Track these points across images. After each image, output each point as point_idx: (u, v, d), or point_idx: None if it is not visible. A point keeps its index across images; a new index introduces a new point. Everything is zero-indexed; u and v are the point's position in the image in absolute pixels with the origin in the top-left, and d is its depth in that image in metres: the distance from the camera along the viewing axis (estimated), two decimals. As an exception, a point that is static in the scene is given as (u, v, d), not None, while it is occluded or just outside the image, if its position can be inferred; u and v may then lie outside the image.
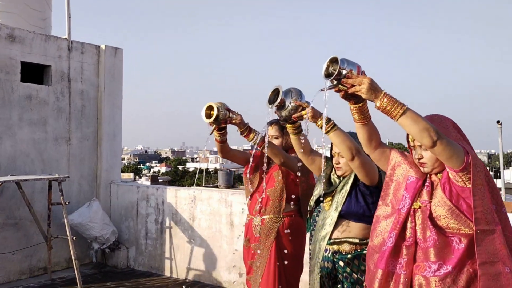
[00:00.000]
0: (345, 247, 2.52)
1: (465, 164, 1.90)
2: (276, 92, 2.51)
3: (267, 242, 3.08)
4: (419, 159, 2.06)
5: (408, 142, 2.14)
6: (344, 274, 2.51)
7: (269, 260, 3.05)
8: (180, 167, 62.91)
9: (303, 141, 2.67)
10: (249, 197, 3.21)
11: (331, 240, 2.55)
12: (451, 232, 1.96)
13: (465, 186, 1.95)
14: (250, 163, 3.14)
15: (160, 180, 25.79)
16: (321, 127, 2.40)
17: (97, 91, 6.29)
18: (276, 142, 3.08)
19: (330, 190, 2.61)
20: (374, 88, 1.90)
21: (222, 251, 5.26)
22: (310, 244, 2.75)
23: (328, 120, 2.39)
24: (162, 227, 5.78)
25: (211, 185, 26.78)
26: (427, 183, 2.07)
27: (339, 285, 2.55)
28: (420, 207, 2.05)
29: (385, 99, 1.89)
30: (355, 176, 2.54)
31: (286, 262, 3.04)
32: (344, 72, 1.91)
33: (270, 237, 3.07)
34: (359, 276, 2.48)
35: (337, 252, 2.53)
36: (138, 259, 5.96)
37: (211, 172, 51.04)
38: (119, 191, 6.23)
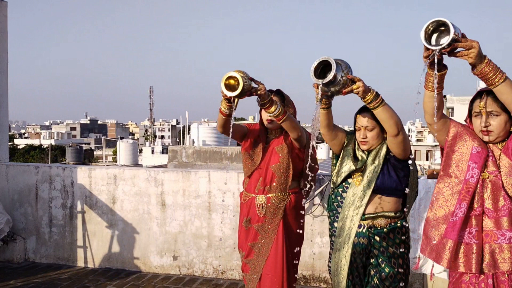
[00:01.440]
0: (381, 222, 2.51)
1: None
2: (323, 64, 2.27)
3: (273, 221, 2.90)
4: (485, 126, 2.12)
5: (470, 111, 2.19)
6: (381, 249, 2.50)
7: (276, 241, 2.88)
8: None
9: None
10: (248, 174, 2.96)
11: (365, 216, 2.51)
12: None
13: None
14: (250, 138, 2.90)
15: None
16: (369, 102, 2.31)
17: (-25, 51, 5.11)
18: None
19: (360, 165, 2.55)
20: (480, 53, 1.88)
21: (152, 234, 4.84)
22: (332, 222, 2.66)
23: (377, 95, 2.31)
24: (71, 212, 5.05)
25: (61, 163, 24.50)
26: (490, 154, 2.16)
27: (372, 260, 2.53)
28: (488, 177, 2.12)
29: (490, 65, 1.89)
30: (387, 150, 2.53)
31: (292, 242, 2.92)
32: (455, 37, 1.85)
33: (277, 216, 2.89)
34: (394, 249, 2.50)
35: (372, 227, 2.51)
36: (40, 250, 5.12)
37: (45, 149, 46.51)
38: (9, 172, 5.22)
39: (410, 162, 2.55)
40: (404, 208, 2.62)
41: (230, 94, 2.50)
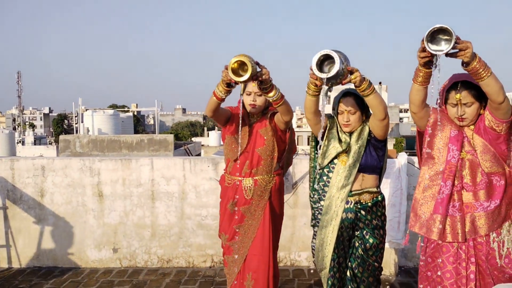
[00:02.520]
0: (366, 197, 2.72)
1: None
2: (324, 57, 2.34)
3: (260, 203, 2.95)
4: (461, 115, 2.42)
5: (446, 100, 2.46)
6: (366, 222, 2.71)
7: (263, 222, 2.94)
8: None
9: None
10: (235, 158, 2.96)
11: (352, 192, 2.70)
12: (492, 173, 2.42)
13: (500, 134, 2.41)
14: (234, 122, 2.89)
15: None
16: (363, 90, 2.48)
17: None
18: (260, 99, 2.92)
19: (345, 147, 2.72)
20: (473, 53, 2.13)
21: (89, 227, 4.56)
22: (318, 201, 2.79)
23: (370, 83, 2.49)
24: (-10, 209, 4.53)
25: None
26: (465, 135, 2.47)
27: (357, 232, 2.74)
28: (466, 156, 2.43)
29: (480, 62, 2.15)
30: (368, 131, 2.74)
31: (276, 222, 3.00)
32: (456, 43, 2.07)
33: (264, 197, 2.94)
34: (376, 221, 2.73)
35: (358, 202, 2.71)
36: (-49, 254, 4.52)
37: None
38: None
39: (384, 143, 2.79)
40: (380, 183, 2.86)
41: (238, 79, 2.46)
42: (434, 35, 2.11)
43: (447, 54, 2.12)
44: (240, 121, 2.80)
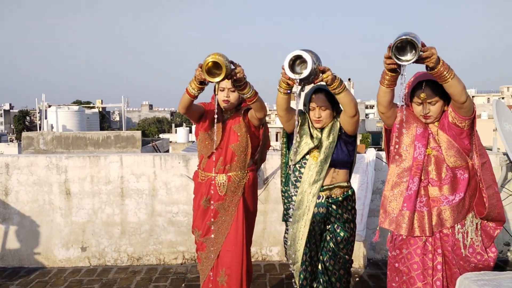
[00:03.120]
0: (337, 192, 2.77)
1: (474, 113, 2.46)
2: (296, 58, 2.35)
3: (234, 199, 2.95)
4: (426, 113, 2.50)
5: (411, 99, 2.54)
6: (337, 216, 2.76)
7: (236, 218, 2.94)
8: None
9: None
10: (209, 154, 2.94)
11: (323, 187, 2.75)
12: (456, 167, 2.50)
13: (463, 129, 2.50)
14: (208, 118, 2.88)
15: None
16: (335, 88, 2.51)
17: None
18: (233, 95, 2.92)
19: (317, 142, 2.76)
20: (438, 58, 2.19)
21: (56, 226, 4.46)
22: (290, 196, 2.82)
23: (341, 81, 2.53)
24: (-50, 209, 4.37)
25: None
26: (429, 131, 2.55)
27: (328, 226, 2.79)
28: (432, 153, 2.51)
29: (444, 65, 2.22)
30: (339, 126, 2.78)
31: (249, 218, 3.02)
32: (420, 52, 2.11)
33: (237, 193, 2.95)
34: (347, 215, 2.79)
35: (329, 197, 2.76)
36: None
37: None
38: None
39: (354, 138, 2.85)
40: (350, 178, 2.92)
41: (212, 80, 2.44)
42: (404, 43, 2.15)
43: (414, 62, 2.18)
44: (216, 118, 2.79)
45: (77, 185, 4.45)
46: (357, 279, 4.11)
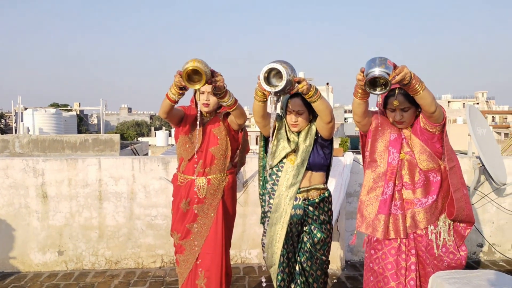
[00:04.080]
0: (313, 194, 2.81)
1: (445, 119, 2.55)
2: (271, 70, 2.37)
3: (213, 202, 2.96)
4: (399, 119, 2.57)
5: (385, 106, 2.61)
6: (314, 217, 2.81)
7: (216, 220, 2.95)
8: None
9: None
10: (189, 158, 2.94)
11: (300, 189, 2.79)
12: (429, 170, 2.58)
13: (435, 134, 2.58)
14: (188, 122, 2.89)
15: None
16: (310, 97, 2.55)
17: None
18: (213, 98, 2.93)
19: (294, 146, 2.80)
20: (411, 74, 2.25)
21: (32, 230, 4.39)
22: (268, 199, 2.85)
23: (316, 90, 2.58)
24: None
25: None
26: (403, 136, 2.63)
27: (305, 228, 2.83)
28: (405, 157, 2.58)
29: (416, 78, 2.28)
30: (316, 130, 2.83)
31: (228, 220, 3.04)
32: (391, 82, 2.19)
33: (217, 196, 2.96)
34: (324, 216, 2.83)
35: (306, 199, 2.80)
36: None
37: None
38: None
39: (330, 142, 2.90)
40: (327, 180, 2.97)
41: (191, 86, 2.45)
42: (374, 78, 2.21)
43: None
44: (199, 121, 2.80)
45: (54, 188, 4.40)
46: (335, 280, 4.17)
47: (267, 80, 2.40)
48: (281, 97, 2.54)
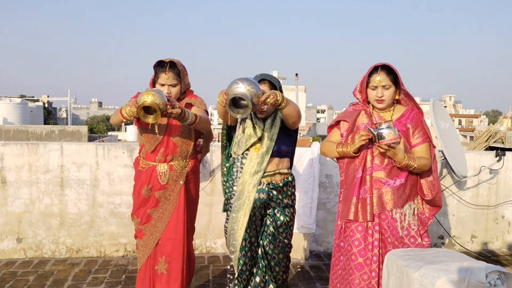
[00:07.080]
0: (277, 178, 2.81)
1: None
2: (235, 96, 2.32)
3: (175, 187, 2.91)
4: (380, 96, 2.62)
5: (368, 84, 2.65)
6: (277, 201, 2.80)
7: (177, 206, 2.91)
8: None
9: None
10: (152, 149, 2.88)
11: (265, 174, 2.78)
12: None
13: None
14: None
15: None
16: (279, 106, 2.52)
17: None
18: (174, 90, 2.87)
19: (260, 134, 2.78)
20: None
21: (-11, 216, 4.24)
22: (231, 186, 2.82)
23: (283, 98, 2.53)
24: None
25: None
26: (375, 122, 2.66)
27: (269, 211, 2.82)
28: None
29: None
30: (281, 121, 2.82)
31: (191, 206, 3.00)
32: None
33: (179, 182, 2.91)
34: (287, 200, 2.84)
35: (270, 183, 2.79)
36: None
37: None
38: None
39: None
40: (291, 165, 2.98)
41: (146, 120, 2.56)
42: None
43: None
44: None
45: (14, 174, 4.27)
46: (299, 269, 4.18)
47: (233, 102, 2.36)
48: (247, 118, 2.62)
